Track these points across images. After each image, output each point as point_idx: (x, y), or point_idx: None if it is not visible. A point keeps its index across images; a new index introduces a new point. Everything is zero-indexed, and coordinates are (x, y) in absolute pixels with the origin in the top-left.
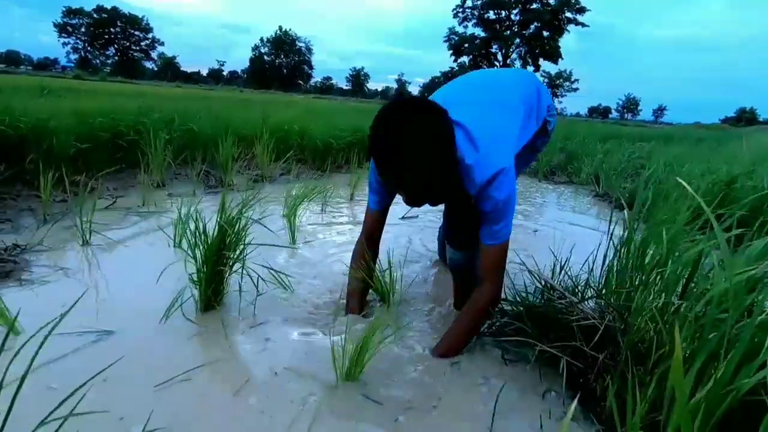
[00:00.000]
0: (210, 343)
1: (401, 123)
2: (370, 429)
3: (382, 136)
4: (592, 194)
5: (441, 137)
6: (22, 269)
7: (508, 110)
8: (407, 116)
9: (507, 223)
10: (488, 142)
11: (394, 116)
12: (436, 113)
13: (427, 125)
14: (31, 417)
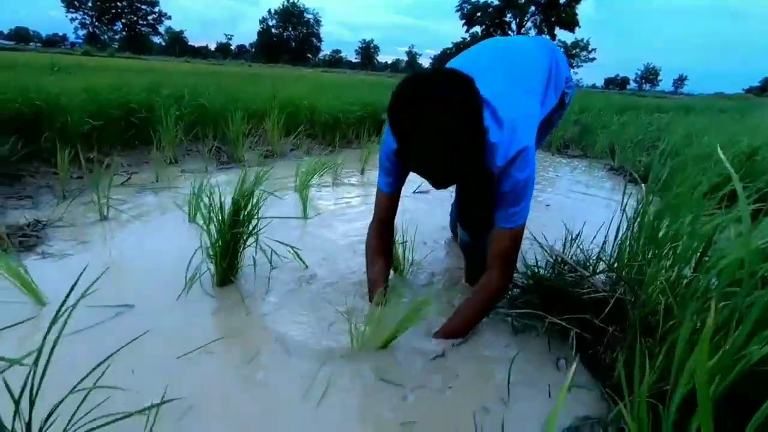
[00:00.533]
0: (226, 317)
1: (430, 100)
2: (382, 402)
3: (409, 114)
4: (606, 168)
5: (472, 115)
6: (44, 244)
7: (529, 82)
8: (436, 91)
9: (524, 206)
10: (512, 118)
11: (421, 91)
12: (466, 88)
13: (458, 101)
14: (59, 387)
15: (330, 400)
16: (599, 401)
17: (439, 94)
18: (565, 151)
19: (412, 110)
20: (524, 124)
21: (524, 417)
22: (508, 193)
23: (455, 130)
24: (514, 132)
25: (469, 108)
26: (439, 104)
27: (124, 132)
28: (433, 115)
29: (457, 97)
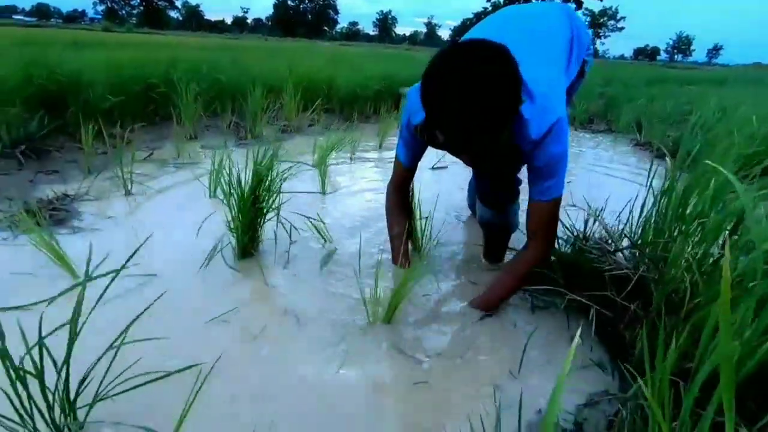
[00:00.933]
0: (247, 288)
1: (477, 63)
2: (398, 373)
3: (456, 78)
4: (632, 143)
5: (516, 83)
6: (73, 218)
7: (553, 52)
8: (483, 55)
9: (560, 178)
10: (543, 90)
11: (466, 57)
12: (507, 60)
13: (503, 68)
14: (91, 350)
15: (346, 369)
16: (618, 379)
17: (485, 59)
18: (588, 126)
19: (458, 74)
20: (555, 96)
21: (536, 391)
22: (543, 167)
23: (503, 95)
24: (545, 105)
25: (513, 76)
26: (486, 68)
27: (144, 107)
28: (482, 78)
29: (502, 64)
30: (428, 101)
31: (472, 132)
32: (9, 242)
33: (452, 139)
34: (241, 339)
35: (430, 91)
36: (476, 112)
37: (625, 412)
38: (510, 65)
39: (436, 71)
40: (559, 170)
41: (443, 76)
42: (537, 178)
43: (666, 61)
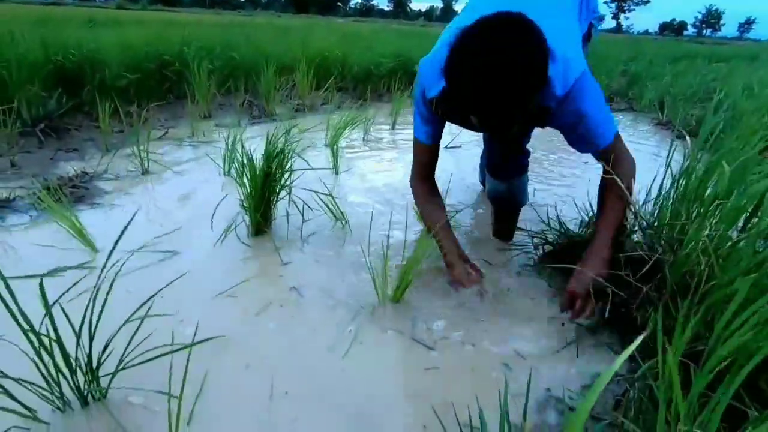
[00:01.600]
0: (260, 265)
1: (503, 54)
2: (406, 351)
3: (483, 73)
4: (653, 122)
5: (545, 61)
6: (92, 195)
7: (567, 5)
8: (506, 43)
9: (606, 120)
10: (563, 48)
11: (489, 46)
12: (535, 34)
13: (532, 52)
14: (113, 320)
15: (356, 347)
16: (628, 360)
17: (514, 37)
18: (609, 105)
19: (489, 57)
20: (574, 50)
21: (547, 372)
22: (579, 122)
23: (535, 71)
24: (567, 60)
25: (543, 50)
26: (516, 47)
27: (159, 86)
28: (514, 57)
29: (531, 39)
30: (458, 84)
31: (506, 112)
32: (32, 218)
33: (485, 121)
34: (254, 313)
35: (460, 74)
36: (511, 93)
37: (633, 392)
38: (539, 38)
39: (464, 53)
40: (600, 116)
41: (473, 58)
42: (579, 135)
43: (693, 37)
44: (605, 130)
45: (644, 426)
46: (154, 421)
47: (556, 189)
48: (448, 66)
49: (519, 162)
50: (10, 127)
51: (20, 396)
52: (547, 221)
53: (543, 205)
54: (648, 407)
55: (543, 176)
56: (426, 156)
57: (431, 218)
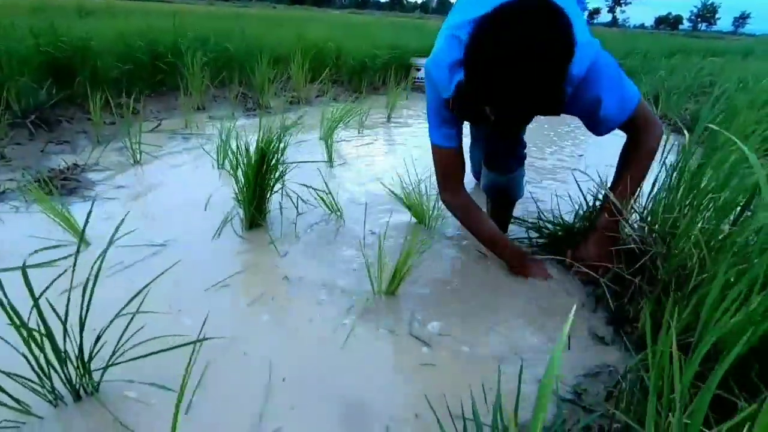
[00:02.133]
0: (255, 258)
1: (532, 43)
2: (403, 343)
3: (513, 65)
4: None
5: (572, 48)
6: (84, 187)
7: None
8: (535, 32)
9: (624, 96)
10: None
11: (517, 35)
12: (561, 17)
13: (559, 39)
14: (107, 315)
15: (352, 340)
16: (620, 351)
17: (542, 24)
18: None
19: (518, 46)
20: (585, 37)
21: (539, 366)
22: (598, 109)
23: (564, 59)
24: (581, 49)
25: (570, 35)
26: (544, 34)
27: (151, 77)
28: (544, 47)
29: (558, 25)
30: (483, 75)
31: (535, 101)
32: (22, 210)
33: (510, 112)
34: (248, 305)
35: (486, 64)
36: (542, 81)
37: (624, 383)
38: (566, 21)
39: (488, 42)
40: (618, 94)
41: (499, 47)
42: (598, 119)
43: (689, 31)
44: (625, 105)
45: (635, 417)
46: (150, 414)
47: (554, 179)
48: (470, 57)
49: (518, 154)
50: (0, 119)
51: (12, 390)
52: (538, 213)
53: (538, 197)
54: (639, 398)
55: (538, 168)
56: (453, 162)
57: (485, 231)
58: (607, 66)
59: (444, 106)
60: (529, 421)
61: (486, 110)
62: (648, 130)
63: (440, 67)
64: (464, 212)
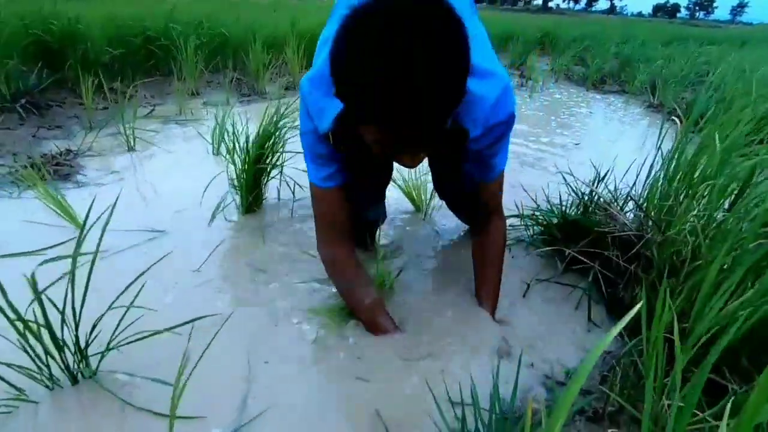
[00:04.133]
0: (249, 243)
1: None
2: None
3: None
4: (644, 105)
5: (467, 57)
6: (77, 173)
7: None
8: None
9: (506, 149)
10: (482, 57)
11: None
12: (455, 21)
13: (454, 32)
14: (103, 301)
15: (340, 331)
16: (615, 337)
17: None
18: (600, 87)
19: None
20: (491, 56)
21: (534, 352)
22: (491, 146)
23: (462, 57)
24: (490, 74)
25: (463, 28)
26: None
27: (144, 62)
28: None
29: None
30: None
31: (435, 117)
32: (14, 197)
33: (407, 133)
34: (242, 294)
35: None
36: (440, 89)
37: (618, 368)
38: (457, 22)
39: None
40: (505, 143)
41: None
42: (483, 161)
43: (687, 19)
44: (504, 155)
45: (629, 401)
46: (144, 396)
47: (549, 169)
48: (339, 70)
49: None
50: None
51: (8, 375)
52: (523, 205)
53: (533, 186)
54: (633, 382)
55: (534, 158)
56: (335, 207)
57: (357, 300)
58: (512, 106)
59: (317, 140)
60: (518, 407)
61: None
62: (502, 218)
63: (315, 91)
64: (337, 272)
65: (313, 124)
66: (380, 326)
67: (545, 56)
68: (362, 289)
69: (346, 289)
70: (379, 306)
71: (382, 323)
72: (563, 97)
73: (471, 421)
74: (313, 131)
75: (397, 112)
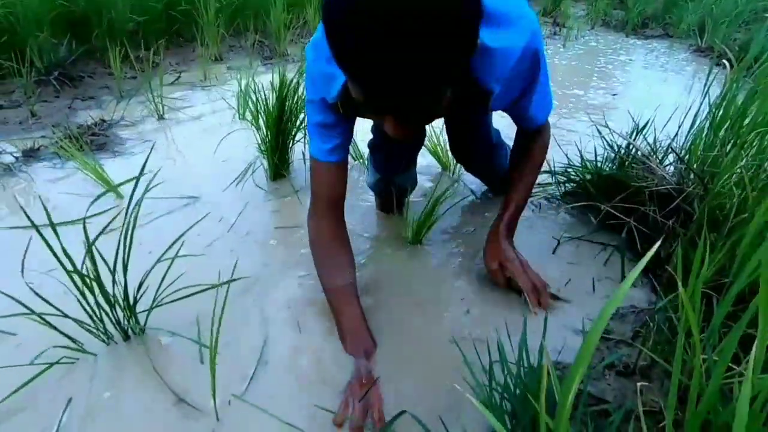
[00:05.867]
0: (279, 207)
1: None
2: (433, 284)
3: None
4: (691, 49)
5: (474, 14)
6: (112, 142)
7: None
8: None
9: (543, 96)
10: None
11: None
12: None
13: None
14: (147, 260)
15: (378, 285)
16: (648, 294)
17: None
18: (641, 31)
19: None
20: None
21: (567, 309)
22: (520, 99)
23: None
24: (517, 20)
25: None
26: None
27: (167, 28)
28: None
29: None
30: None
31: (418, 82)
32: (58, 167)
33: (399, 102)
34: (274, 255)
35: (353, 34)
36: (433, 51)
37: (652, 323)
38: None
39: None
40: (541, 87)
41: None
42: (517, 113)
43: None
44: (548, 104)
45: (662, 355)
46: (185, 350)
47: (584, 120)
48: (330, 28)
49: (482, 145)
50: (26, 77)
51: (69, 330)
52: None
53: (566, 140)
54: (668, 337)
55: (567, 111)
56: (330, 180)
57: (329, 278)
58: (543, 54)
59: (324, 108)
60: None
61: None
62: (546, 127)
63: (321, 57)
64: (318, 247)
65: (319, 92)
66: (343, 312)
67: (580, 1)
68: (339, 270)
69: (322, 266)
70: (348, 291)
71: (345, 310)
72: (600, 45)
73: (499, 374)
74: (319, 99)
75: (369, 70)
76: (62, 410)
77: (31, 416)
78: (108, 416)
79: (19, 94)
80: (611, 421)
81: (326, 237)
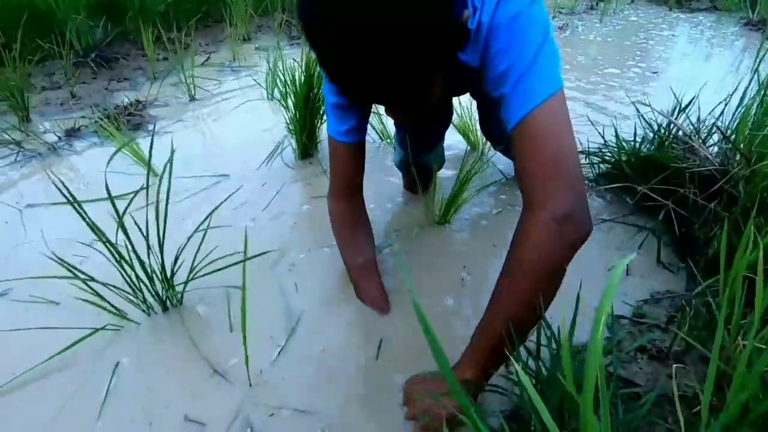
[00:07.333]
0: (307, 186)
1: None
2: (454, 268)
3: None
4: (741, 22)
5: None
6: (147, 122)
7: None
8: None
9: (539, 68)
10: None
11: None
12: None
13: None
14: (181, 235)
15: (404, 265)
16: (684, 279)
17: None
18: (687, 4)
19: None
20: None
21: (594, 292)
22: (504, 75)
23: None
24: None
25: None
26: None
27: (196, 9)
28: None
29: None
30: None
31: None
32: (98, 146)
33: (381, 101)
34: (303, 230)
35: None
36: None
37: (689, 309)
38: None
39: None
40: (529, 56)
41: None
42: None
43: None
44: (544, 74)
45: (697, 339)
46: (224, 321)
47: (621, 100)
48: (305, 16)
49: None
50: (65, 58)
51: (114, 300)
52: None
53: (601, 121)
54: (706, 321)
55: (602, 89)
56: (348, 161)
57: (350, 257)
58: (534, 23)
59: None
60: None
61: None
62: (558, 185)
63: None
64: (339, 225)
65: None
66: (363, 289)
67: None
68: (359, 248)
69: (342, 244)
70: (369, 268)
71: (364, 286)
72: (640, 20)
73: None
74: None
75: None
76: (111, 372)
77: (81, 375)
78: (150, 379)
79: (59, 75)
80: (642, 403)
81: (345, 216)
